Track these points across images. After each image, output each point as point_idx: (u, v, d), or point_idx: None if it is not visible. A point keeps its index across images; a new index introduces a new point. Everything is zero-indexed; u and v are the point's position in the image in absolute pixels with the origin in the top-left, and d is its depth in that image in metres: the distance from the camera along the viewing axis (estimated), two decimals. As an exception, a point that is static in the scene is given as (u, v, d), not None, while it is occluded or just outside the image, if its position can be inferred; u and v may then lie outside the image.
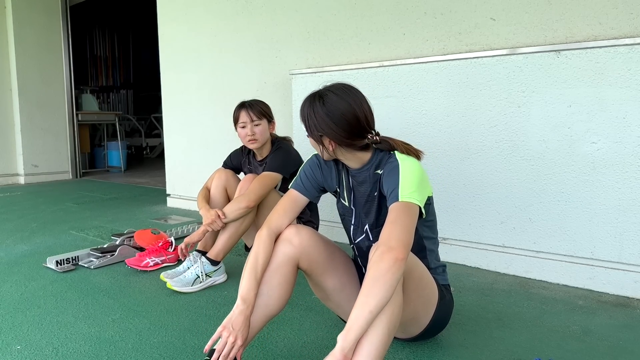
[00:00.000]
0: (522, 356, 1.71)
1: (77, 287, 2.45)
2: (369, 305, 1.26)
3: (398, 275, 1.29)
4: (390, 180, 1.52)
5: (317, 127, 1.57)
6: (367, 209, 1.67)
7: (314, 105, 1.58)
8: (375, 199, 1.64)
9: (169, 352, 1.77)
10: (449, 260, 2.78)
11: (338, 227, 3.12)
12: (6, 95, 6.19)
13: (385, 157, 1.61)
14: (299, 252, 1.57)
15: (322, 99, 1.57)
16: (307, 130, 1.62)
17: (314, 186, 1.75)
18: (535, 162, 2.49)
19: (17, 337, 1.90)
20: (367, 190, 1.66)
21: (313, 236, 1.61)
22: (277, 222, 1.65)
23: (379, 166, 1.62)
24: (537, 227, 2.51)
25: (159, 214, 4.29)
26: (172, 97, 4.60)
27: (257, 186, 2.43)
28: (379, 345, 1.29)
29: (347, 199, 1.75)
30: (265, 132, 2.58)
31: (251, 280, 1.54)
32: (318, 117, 1.56)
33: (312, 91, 1.63)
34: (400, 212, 1.43)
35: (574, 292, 2.36)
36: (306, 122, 1.60)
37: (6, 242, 3.32)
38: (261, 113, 2.57)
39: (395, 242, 1.34)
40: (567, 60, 2.36)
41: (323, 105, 1.56)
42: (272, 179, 2.49)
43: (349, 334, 1.25)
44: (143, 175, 7.12)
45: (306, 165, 1.78)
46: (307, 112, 1.59)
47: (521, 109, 2.50)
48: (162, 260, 2.74)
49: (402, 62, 2.91)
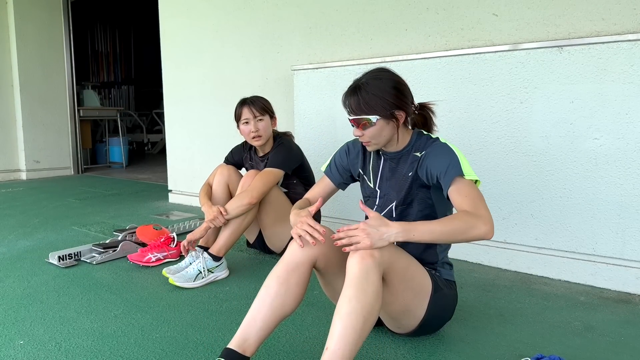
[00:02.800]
0: (523, 352, 1.72)
1: (79, 282, 2.45)
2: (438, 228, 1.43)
3: (472, 239, 1.46)
4: (442, 159, 1.59)
5: (388, 104, 1.60)
6: (398, 188, 1.71)
7: (372, 86, 1.60)
8: (409, 179, 1.69)
9: (171, 347, 1.77)
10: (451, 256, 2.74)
11: (340, 223, 3.12)
12: (8, 91, 6.19)
13: (428, 141, 1.68)
14: (318, 252, 1.56)
15: (375, 79, 1.61)
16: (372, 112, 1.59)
17: (340, 173, 1.86)
18: (537, 158, 2.48)
19: (20, 332, 1.91)
20: (402, 170, 1.71)
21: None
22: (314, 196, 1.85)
23: (419, 149, 1.67)
24: (539, 223, 2.50)
25: (160, 210, 4.30)
26: (174, 92, 4.60)
27: (260, 183, 2.43)
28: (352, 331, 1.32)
29: (372, 180, 1.79)
30: (268, 128, 2.59)
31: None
32: (385, 93, 1.59)
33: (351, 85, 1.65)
34: (473, 187, 1.55)
35: (575, 288, 2.36)
36: (368, 105, 1.58)
37: (8, 237, 3.33)
38: (263, 109, 2.57)
39: (484, 211, 1.48)
40: (570, 56, 2.35)
41: (381, 81, 1.61)
42: (274, 175, 2.49)
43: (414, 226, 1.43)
44: (144, 171, 7.13)
45: (338, 152, 1.89)
46: (369, 95, 1.58)
47: (523, 105, 2.50)
48: (164, 255, 2.75)
49: (404, 57, 2.90)
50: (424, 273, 1.65)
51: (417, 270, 1.62)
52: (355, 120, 1.61)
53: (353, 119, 1.61)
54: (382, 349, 1.76)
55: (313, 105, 3.33)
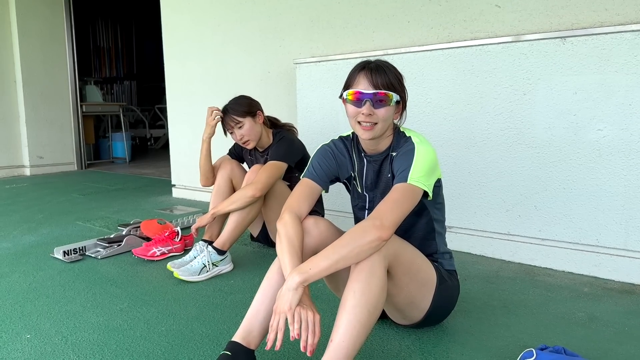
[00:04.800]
0: (527, 343, 1.72)
1: (84, 277, 2.47)
2: (333, 258, 1.36)
3: (372, 252, 1.38)
4: (402, 160, 1.55)
5: (403, 88, 1.59)
6: (385, 191, 1.66)
7: (391, 68, 1.58)
8: (390, 180, 1.65)
9: (176, 341, 1.78)
10: (455, 248, 2.78)
11: (343, 217, 3.13)
12: (10, 87, 6.20)
13: (402, 140, 1.64)
14: (318, 243, 1.55)
15: (386, 62, 1.59)
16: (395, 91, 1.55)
17: (327, 175, 1.73)
18: (540, 150, 2.48)
19: (26, 326, 1.92)
20: (385, 172, 1.68)
21: (331, 228, 1.61)
22: (297, 206, 1.61)
23: (395, 149, 1.64)
24: (543, 214, 2.50)
25: (164, 205, 4.31)
26: (176, 87, 4.60)
27: (264, 176, 2.44)
28: (357, 324, 1.33)
29: (359, 185, 1.76)
30: (252, 129, 2.56)
31: (295, 261, 1.44)
32: (400, 77, 1.59)
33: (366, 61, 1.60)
34: (404, 194, 1.47)
35: (579, 279, 2.36)
36: (391, 84, 1.55)
37: (13, 233, 3.34)
38: (240, 113, 2.54)
39: (389, 222, 1.39)
40: (573, 47, 2.34)
41: (393, 67, 1.60)
42: (277, 167, 2.49)
43: (302, 268, 1.36)
44: (148, 166, 7.14)
45: (318, 155, 1.76)
46: (392, 74, 1.56)
47: (526, 97, 2.49)
48: (169, 249, 2.76)
49: (406, 50, 2.90)
50: (428, 265, 1.65)
51: (422, 262, 1.63)
52: (376, 95, 1.52)
53: (374, 93, 1.52)
54: (387, 340, 1.77)
55: (315, 99, 3.33)
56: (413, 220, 1.70)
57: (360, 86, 1.55)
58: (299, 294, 1.33)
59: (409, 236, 1.70)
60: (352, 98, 1.55)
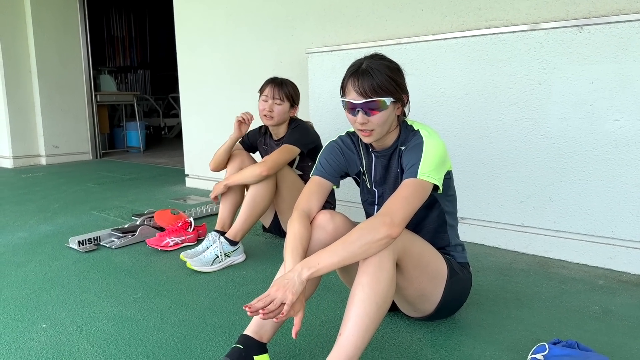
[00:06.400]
0: (540, 336, 1.71)
1: (99, 266, 2.50)
2: (341, 254, 1.35)
3: (381, 250, 1.37)
4: (411, 155, 1.53)
5: (398, 86, 1.54)
6: (394, 186, 1.64)
7: (382, 67, 1.52)
8: (399, 175, 1.64)
9: (189, 331, 1.80)
10: (468, 239, 2.77)
11: (355, 208, 3.12)
12: (26, 77, 6.25)
13: (410, 134, 1.61)
14: (334, 238, 1.51)
15: (381, 60, 1.55)
16: (386, 94, 1.50)
17: (336, 171, 1.72)
18: (556, 141, 2.44)
19: (42, 315, 1.95)
20: (393, 166, 1.66)
21: (346, 222, 1.59)
22: (306, 205, 1.61)
23: (403, 143, 1.62)
24: (557, 206, 2.48)
25: (178, 194, 4.33)
26: (189, 77, 4.60)
27: (275, 156, 2.47)
28: (366, 318, 1.32)
29: (368, 180, 1.74)
30: (283, 114, 2.58)
31: (296, 259, 1.44)
32: (395, 74, 1.54)
33: (358, 62, 1.55)
34: (414, 190, 1.45)
35: (594, 271, 2.34)
36: (382, 87, 1.50)
37: (30, 222, 3.39)
38: (286, 95, 2.58)
39: (399, 219, 1.38)
40: (590, 36, 2.29)
41: (389, 62, 1.55)
42: (289, 150, 2.51)
43: (310, 262, 1.35)
44: (162, 155, 7.18)
45: (326, 151, 1.75)
46: (382, 75, 1.50)
47: (542, 86, 2.46)
48: (182, 240, 2.78)
49: (420, 39, 2.86)
50: (439, 258, 1.64)
51: (432, 255, 1.62)
52: (366, 104, 1.49)
53: (364, 102, 1.48)
54: (398, 332, 1.77)
55: (327, 89, 3.31)
56: (424, 214, 1.69)
57: (350, 95, 1.52)
58: (303, 286, 1.33)
59: (420, 229, 1.69)
60: (346, 107, 1.55)
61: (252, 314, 1.30)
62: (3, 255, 2.69)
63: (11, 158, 6.21)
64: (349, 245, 1.36)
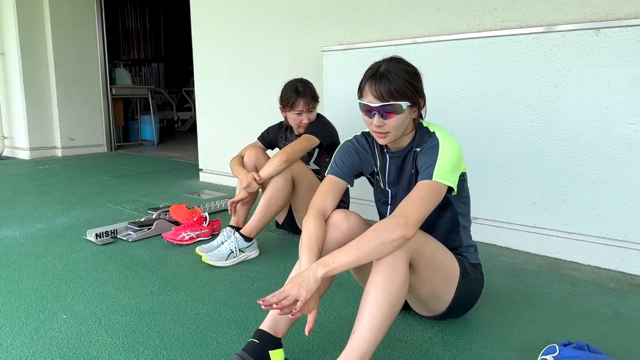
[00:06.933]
0: (550, 337, 1.73)
1: (116, 259, 2.55)
2: (356, 254, 1.38)
3: (395, 250, 1.39)
4: (427, 157, 1.55)
5: (415, 90, 1.56)
6: (408, 187, 1.68)
7: (400, 70, 1.53)
8: (414, 176, 1.66)
9: (205, 324, 1.84)
10: (480, 239, 2.78)
11: (368, 205, 3.15)
12: (43, 70, 6.33)
13: (426, 136, 1.64)
14: (348, 237, 1.54)
15: (399, 63, 1.56)
16: (403, 98, 1.52)
17: (350, 170, 1.74)
18: (570, 143, 2.45)
19: (62, 306, 2.00)
20: (407, 167, 1.68)
21: (361, 222, 1.62)
22: (321, 204, 1.64)
23: (418, 144, 1.64)
24: (570, 208, 2.48)
25: (192, 189, 4.38)
26: (204, 72, 4.64)
27: (294, 144, 2.53)
28: (379, 316, 1.35)
29: (381, 180, 1.77)
30: (314, 115, 2.66)
31: (311, 258, 1.47)
32: (412, 78, 1.56)
33: (376, 64, 1.57)
34: (428, 192, 1.48)
35: (605, 274, 2.35)
36: (399, 91, 1.51)
37: (47, 214, 3.45)
38: (313, 98, 2.65)
39: (413, 221, 1.41)
40: (607, 39, 2.30)
41: (407, 66, 1.57)
42: (308, 139, 2.57)
43: (325, 261, 1.38)
44: (175, 149, 7.24)
45: (341, 151, 1.77)
46: (400, 79, 1.51)
47: (557, 88, 2.46)
48: (197, 234, 2.82)
49: (435, 38, 2.87)
50: (451, 258, 1.67)
51: (445, 255, 1.64)
52: (383, 107, 1.51)
53: (381, 106, 1.51)
54: (410, 331, 1.79)
55: (342, 86, 3.33)
56: (437, 215, 1.72)
57: (367, 98, 1.55)
58: (318, 284, 1.36)
59: (433, 230, 1.72)
60: (363, 109, 1.57)
61: (266, 307, 1.33)
62: (23, 246, 2.75)
63: (28, 149, 6.31)
64: (363, 245, 1.38)
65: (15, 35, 6.08)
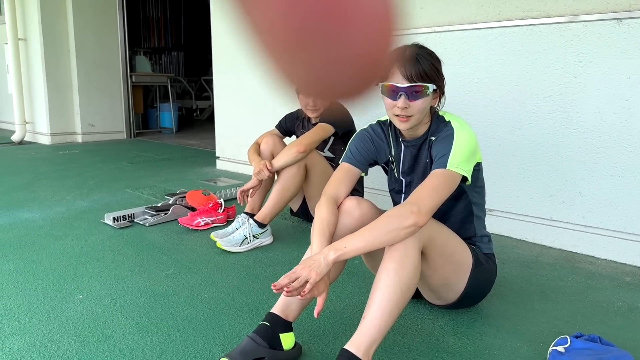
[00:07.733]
0: (562, 329, 1.72)
1: (132, 242, 2.59)
2: (368, 239, 1.38)
3: (406, 237, 1.40)
4: (442, 145, 1.55)
5: (440, 75, 1.57)
6: (423, 176, 1.67)
7: (428, 55, 1.54)
8: (428, 165, 1.66)
9: (218, 308, 1.87)
10: (495, 231, 2.77)
11: (382, 195, 3.14)
12: (64, 56, 6.41)
13: (441, 125, 1.63)
14: (360, 224, 1.54)
15: (423, 49, 1.56)
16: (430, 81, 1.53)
17: (365, 159, 1.74)
18: (589, 135, 2.42)
19: (79, 287, 2.04)
20: (422, 156, 1.68)
21: (373, 209, 1.62)
22: (333, 191, 1.64)
23: (433, 133, 1.64)
24: (587, 201, 2.46)
25: (208, 176, 4.42)
26: (223, 61, 4.66)
27: (309, 134, 2.53)
28: (390, 302, 1.36)
29: (396, 169, 1.77)
30: (324, 103, 2.64)
31: (323, 243, 1.48)
32: (437, 64, 1.57)
33: (402, 47, 1.55)
34: (442, 181, 1.48)
35: (621, 268, 2.32)
36: (426, 74, 1.52)
37: (66, 198, 3.51)
38: None
39: (426, 208, 1.41)
40: (629, 30, 2.25)
41: (431, 52, 1.57)
42: (324, 128, 2.56)
43: (337, 245, 1.39)
44: (193, 137, 7.30)
45: (356, 139, 1.77)
46: (428, 63, 1.53)
47: (577, 80, 2.42)
48: (212, 220, 2.85)
49: (455, 28, 2.85)
50: (464, 248, 1.66)
51: (458, 245, 1.64)
52: (410, 87, 1.50)
53: (409, 87, 1.50)
54: (421, 319, 1.80)
55: (360, 76, 3.31)
56: (451, 204, 1.71)
57: (394, 79, 1.53)
58: (329, 268, 1.37)
59: (447, 219, 1.71)
60: (387, 91, 1.55)
61: (277, 291, 1.35)
62: (42, 228, 2.81)
63: (49, 135, 6.40)
64: (376, 231, 1.39)
65: (37, 22, 6.16)
